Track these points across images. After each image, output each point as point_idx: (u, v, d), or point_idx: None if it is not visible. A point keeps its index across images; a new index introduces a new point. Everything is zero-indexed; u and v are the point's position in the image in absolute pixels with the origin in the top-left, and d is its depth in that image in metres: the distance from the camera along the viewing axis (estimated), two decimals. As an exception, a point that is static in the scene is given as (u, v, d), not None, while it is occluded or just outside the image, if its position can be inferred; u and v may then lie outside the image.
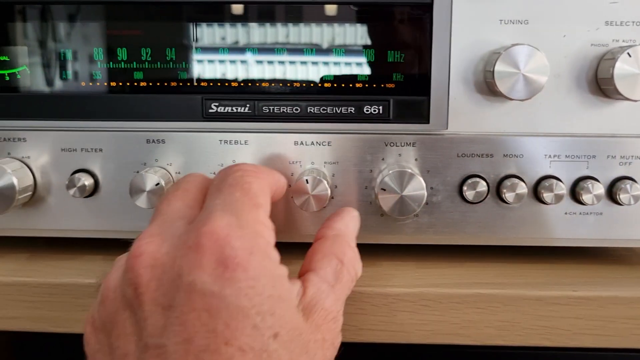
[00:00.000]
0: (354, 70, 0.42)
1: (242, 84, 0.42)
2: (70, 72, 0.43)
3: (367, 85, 0.42)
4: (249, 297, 0.28)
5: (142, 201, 0.40)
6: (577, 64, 0.41)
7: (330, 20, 0.41)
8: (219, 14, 0.41)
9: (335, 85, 0.42)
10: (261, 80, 0.42)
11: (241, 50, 0.42)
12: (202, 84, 0.42)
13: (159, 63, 0.42)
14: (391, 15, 0.41)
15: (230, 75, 0.42)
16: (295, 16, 0.41)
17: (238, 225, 0.30)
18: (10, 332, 0.41)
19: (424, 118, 0.41)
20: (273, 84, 0.42)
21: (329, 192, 0.40)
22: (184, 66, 0.42)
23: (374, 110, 0.41)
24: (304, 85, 0.42)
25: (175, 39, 0.42)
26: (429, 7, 0.40)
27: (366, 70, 0.42)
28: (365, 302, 0.40)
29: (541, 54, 0.39)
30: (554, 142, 0.42)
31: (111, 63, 0.42)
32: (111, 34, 0.42)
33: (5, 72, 0.43)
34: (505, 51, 0.39)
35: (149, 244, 0.31)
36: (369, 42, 0.41)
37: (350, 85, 0.42)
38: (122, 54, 0.42)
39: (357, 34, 0.41)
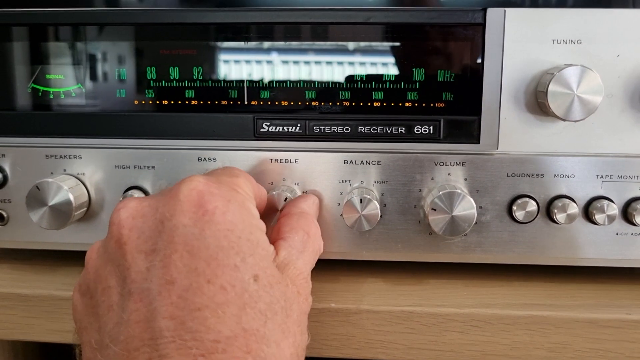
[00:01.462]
0: (405, 90, 0.42)
1: (292, 104, 0.42)
2: (123, 90, 0.44)
3: (417, 105, 0.42)
4: (228, 238, 0.30)
5: (195, 219, 0.41)
6: (631, 83, 0.41)
7: (381, 39, 0.42)
8: (271, 35, 0.42)
9: (385, 104, 0.42)
10: (312, 100, 0.42)
11: (293, 69, 0.42)
12: (253, 102, 0.43)
13: (210, 82, 0.43)
14: (443, 35, 0.41)
15: (281, 95, 0.42)
16: (346, 36, 0.42)
17: (217, 181, 0.32)
18: (67, 344, 0.42)
19: (474, 138, 0.41)
20: (323, 104, 0.42)
21: (379, 211, 0.40)
22: (235, 85, 0.43)
23: (425, 130, 0.41)
24: (354, 104, 0.42)
25: (226, 58, 0.43)
26: (482, 27, 0.40)
27: (417, 90, 0.42)
28: (415, 321, 0.40)
29: (595, 74, 0.39)
30: (606, 162, 0.41)
31: (163, 82, 0.43)
32: (164, 54, 0.43)
33: (61, 90, 0.44)
34: (559, 72, 0.38)
35: (131, 200, 0.32)
36: (420, 62, 0.41)
37: (400, 104, 0.42)
38: (174, 73, 0.43)
39: (409, 53, 0.41)
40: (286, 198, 0.40)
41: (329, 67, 0.42)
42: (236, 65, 0.43)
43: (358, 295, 0.42)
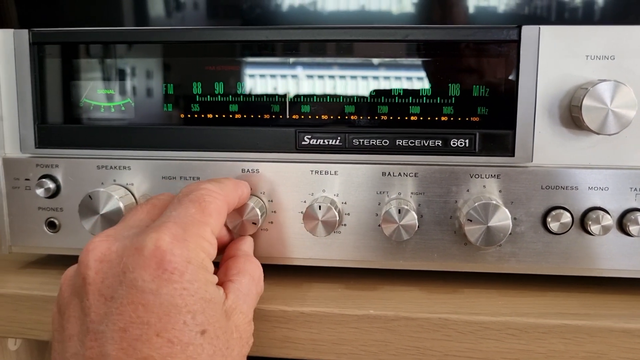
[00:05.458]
0: (441, 104, 0.43)
1: (332, 118, 0.44)
2: (170, 105, 0.46)
3: (453, 119, 0.43)
4: (183, 297, 0.32)
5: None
6: (664, 98, 0.42)
7: (418, 56, 0.43)
8: (313, 51, 0.44)
9: (422, 118, 0.43)
10: (351, 114, 0.44)
11: (333, 84, 0.44)
12: (294, 116, 0.44)
13: (253, 97, 0.45)
14: (479, 52, 0.42)
15: (322, 109, 0.44)
16: (385, 53, 0.43)
17: (183, 238, 0.34)
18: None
19: (509, 151, 0.43)
20: (362, 118, 0.44)
21: (417, 221, 0.42)
22: (277, 100, 0.44)
23: (460, 144, 0.43)
24: (392, 118, 0.44)
25: (269, 73, 0.45)
26: (517, 43, 0.41)
27: (452, 104, 0.43)
28: (451, 328, 0.41)
29: (628, 89, 0.40)
30: (640, 175, 0.42)
31: (209, 97, 0.45)
32: (209, 70, 0.45)
33: (112, 104, 0.47)
34: (593, 87, 0.40)
35: (102, 241, 0.35)
36: (456, 77, 0.43)
37: (437, 118, 0.43)
38: (219, 88, 0.45)
39: (445, 69, 0.43)
40: (320, 207, 0.42)
41: (367, 82, 0.44)
42: (279, 80, 0.44)
43: (395, 302, 0.43)
